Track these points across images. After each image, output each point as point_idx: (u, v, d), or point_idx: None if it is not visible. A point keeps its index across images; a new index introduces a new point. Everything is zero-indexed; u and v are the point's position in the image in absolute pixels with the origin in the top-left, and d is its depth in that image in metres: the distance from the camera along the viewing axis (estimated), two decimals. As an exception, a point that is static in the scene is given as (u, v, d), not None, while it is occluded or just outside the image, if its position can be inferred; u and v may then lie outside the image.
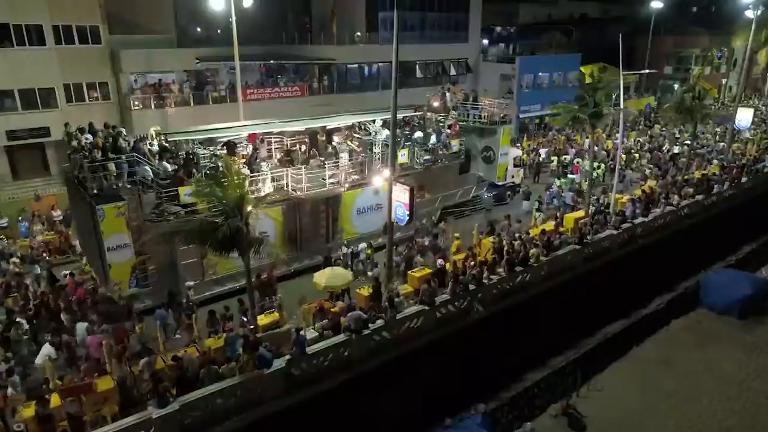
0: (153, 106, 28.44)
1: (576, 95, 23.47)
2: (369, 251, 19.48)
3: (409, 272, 18.22)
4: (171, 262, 16.70)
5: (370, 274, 18.20)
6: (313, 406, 13.84)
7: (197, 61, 29.49)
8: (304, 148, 20.06)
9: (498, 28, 47.90)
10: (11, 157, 27.01)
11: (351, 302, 15.88)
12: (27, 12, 24.48)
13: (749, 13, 28.37)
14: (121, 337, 13.74)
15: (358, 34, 35.91)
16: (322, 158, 19.17)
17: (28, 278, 17.91)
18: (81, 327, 14.34)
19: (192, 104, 29.29)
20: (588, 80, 47.69)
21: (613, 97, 23.18)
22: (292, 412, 13.56)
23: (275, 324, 15.05)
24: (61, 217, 23.27)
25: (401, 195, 16.00)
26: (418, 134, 21.65)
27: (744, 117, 32.41)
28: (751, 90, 55.58)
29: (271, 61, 30.56)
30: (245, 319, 14.75)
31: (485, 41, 43.20)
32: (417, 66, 38.33)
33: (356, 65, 35.75)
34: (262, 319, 14.89)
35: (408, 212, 16.16)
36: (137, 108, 28.08)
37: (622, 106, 22.96)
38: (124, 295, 15.35)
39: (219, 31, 30.58)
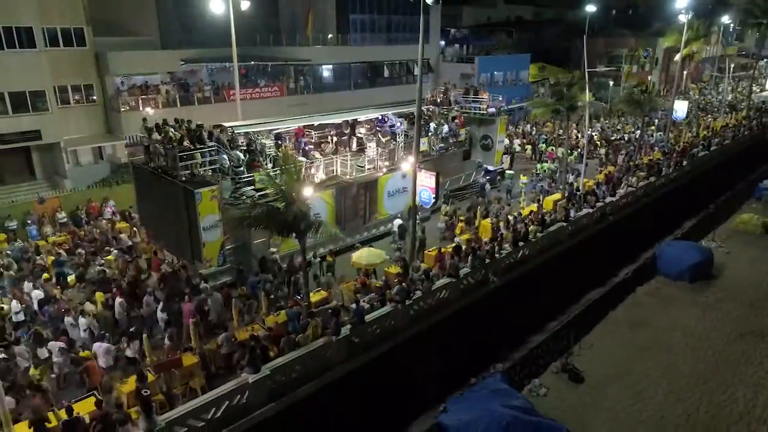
0: (141, 108, 28.65)
1: (530, 92, 26.36)
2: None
3: (425, 252, 20.12)
4: (244, 242, 17.89)
5: (397, 254, 19.93)
6: (368, 371, 15.48)
7: (182, 62, 29.97)
8: (335, 139, 21.62)
9: (453, 30, 50.67)
10: (-1, 162, 26.51)
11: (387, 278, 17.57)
12: (18, 14, 24.27)
13: (682, 17, 32.34)
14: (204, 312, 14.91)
15: (330, 35, 37.37)
16: (355, 148, 20.87)
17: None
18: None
19: (178, 105, 29.70)
20: (532, 78, 51.35)
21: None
22: (352, 376, 15.14)
23: (325, 300, 16.51)
24: (65, 219, 23.34)
25: (427, 180, 17.83)
26: (433, 125, 23.70)
27: (680, 108, 36.74)
28: (670, 85, 61.56)
29: (259, 63, 31.47)
30: (300, 297, 16.10)
31: (442, 42, 45.74)
32: (385, 66, 40.23)
33: (330, 66, 37.19)
34: (314, 296, 16.31)
35: (434, 195, 18.02)
36: (125, 110, 28.22)
37: (588, 100, 25.84)
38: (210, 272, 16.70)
39: (202, 33, 31.11)
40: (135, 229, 21.59)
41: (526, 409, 17.18)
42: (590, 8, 51.77)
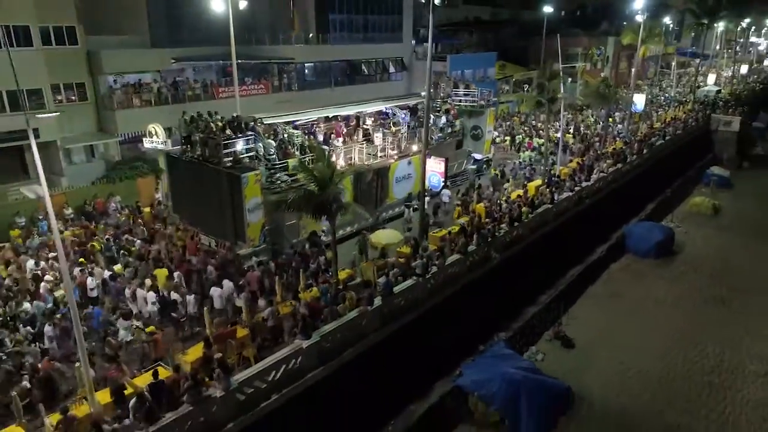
0: (134, 105, 29.04)
1: (496, 88, 28.55)
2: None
3: (430, 233, 21.76)
4: (277, 224, 19.13)
5: (408, 234, 21.45)
6: (397, 339, 17.00)
7: (173, 61, 30.48)
8: (344, 130, 22.93)
9: (421, 30, 52.51)
10: (-8, 161, 26.31)
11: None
12: (15, 13, 24.32)
13: (639, 18, 35.32)
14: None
15: (311, 35, 38.49)
16: (362, 138, 22.29)
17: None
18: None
19: (170, 103, 30.19)
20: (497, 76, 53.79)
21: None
22: (384, 344, 16.62)
23: (351, 277, 17.90)
24: (72, 215, 23.68)
25: (437, 165, 19.43)
26: (432, 117, 25.33)
27: (639, 101, 39.93)
28: (620, 81, 65.57)
29: (247, 61, 32.24)
30: (329, 274, 17.40)
31: (413, 41, 47.49)
32: (362, 64, 41.65)
33: (312, 64, 38.30)
34: (341, 274, 17.65)
35: (442, 179, 19.63)
36: (120, 107, 28.55)
37: (562, 94, 28.14)
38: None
39: (190, 32, 31.61)
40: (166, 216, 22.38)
41: (533, 369, 19.18)
42: (547, 9, 54.96)
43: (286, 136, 19.30)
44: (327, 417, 14.66)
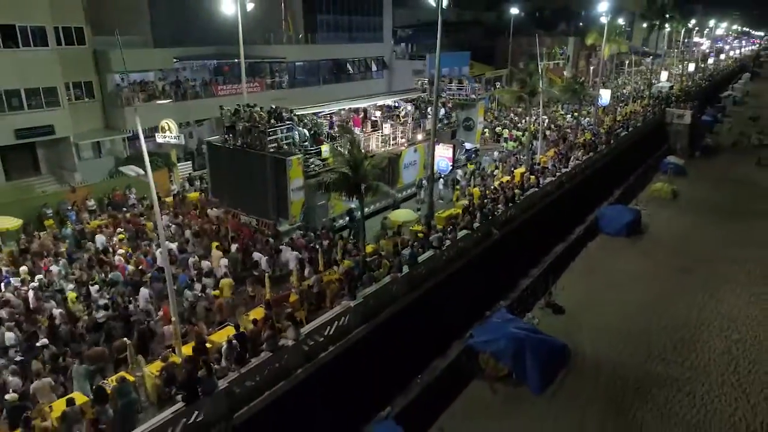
0: (141, 102, 30.25)
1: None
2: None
3: (436, 213, 24.09)
4: (310, 204, 21.05)
5: (419, 213, 23.71)
6: (421, 304, 19.25)
7: (175, 60, 31.82)
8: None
9: (398, 31, 54.91)
10: (3, 158, 27.15)
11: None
12: (31, 14, 25.32)
13: (603, 19, 38.70)
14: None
15: (301, 35, 40.30)
16: (369, 129, 24.40)
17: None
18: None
19: (174, 100, 31.52)
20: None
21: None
22: (410, 308, 18.84)
23: (375, 251, 20.02)
24: (94, 206, 24.86)
25: (445, 151, 21.72)
26: (431, 109, 27.54)
27: (604, 95, 43.43)
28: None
29: (246, 60, 33.78)
30: (359, 248, 19.47)
31: (392, 41, 49.82)
32: (348, 63, 43.71)
33: (302, 63, 40.11)
34: (367, 248, 19.75)
35: (450, 164, 21.93)
36: (128, 105, 29.72)
37: (542, 88, 30.95)
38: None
39: (191, 32, 32.98)
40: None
41: (533, 330, 21.76)
42: (514, 11, 58.33)
43: (314, 125, 21.26)
44: (367, 370, 16.78)
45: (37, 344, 13.23)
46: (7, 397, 11.37)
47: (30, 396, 11.71)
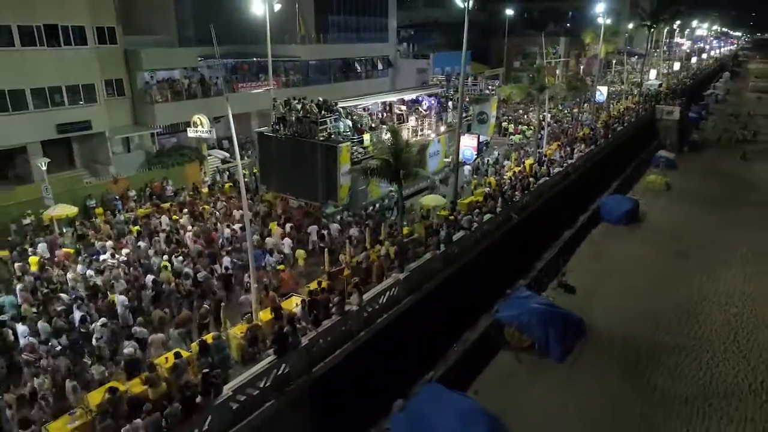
0: (169, 100, 31.66)
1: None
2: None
3: (459, 201, 25.93)
4: (353, 189, 22.75)
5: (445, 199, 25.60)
6: (455, 280, 21.06)
7: (200, 58, 33.24)
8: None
9: (400, 31, 56.75)
10: (44, 153, 28.32)
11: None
12: (73, 14, 26.63)
13: (600, 20, 40.94)
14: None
15: (313, 35, 41.90)
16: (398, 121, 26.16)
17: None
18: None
19: (199, 96, 32.93)
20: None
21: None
22: (444, 283, 20.64)
23: (410, 234, 21.77)
24: (135, 196, 26.26)
25: (470, 141, 23.54)
26: (451, 103, 29.41)
27: (601, 92, 45.76)
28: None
29: (261, 60, 35.29)
30: (396, 231, 21.20)
31: (396, 41, 51.64)
32: (356, 62, 45.39)
33: (314, 62, 41.69)
34: (404, 230, 21.50)
35: (475, 153, 23.77)
36: (159, 101, 31.09)
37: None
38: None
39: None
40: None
41: (552, 305, 23.70)
42: (509, 11, 60.51)
43: (356, 116, 22.98)
44: (412, 338, 18.54)
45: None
46: (125, 351, 12.93)
47: (147, 345, 13.35)
